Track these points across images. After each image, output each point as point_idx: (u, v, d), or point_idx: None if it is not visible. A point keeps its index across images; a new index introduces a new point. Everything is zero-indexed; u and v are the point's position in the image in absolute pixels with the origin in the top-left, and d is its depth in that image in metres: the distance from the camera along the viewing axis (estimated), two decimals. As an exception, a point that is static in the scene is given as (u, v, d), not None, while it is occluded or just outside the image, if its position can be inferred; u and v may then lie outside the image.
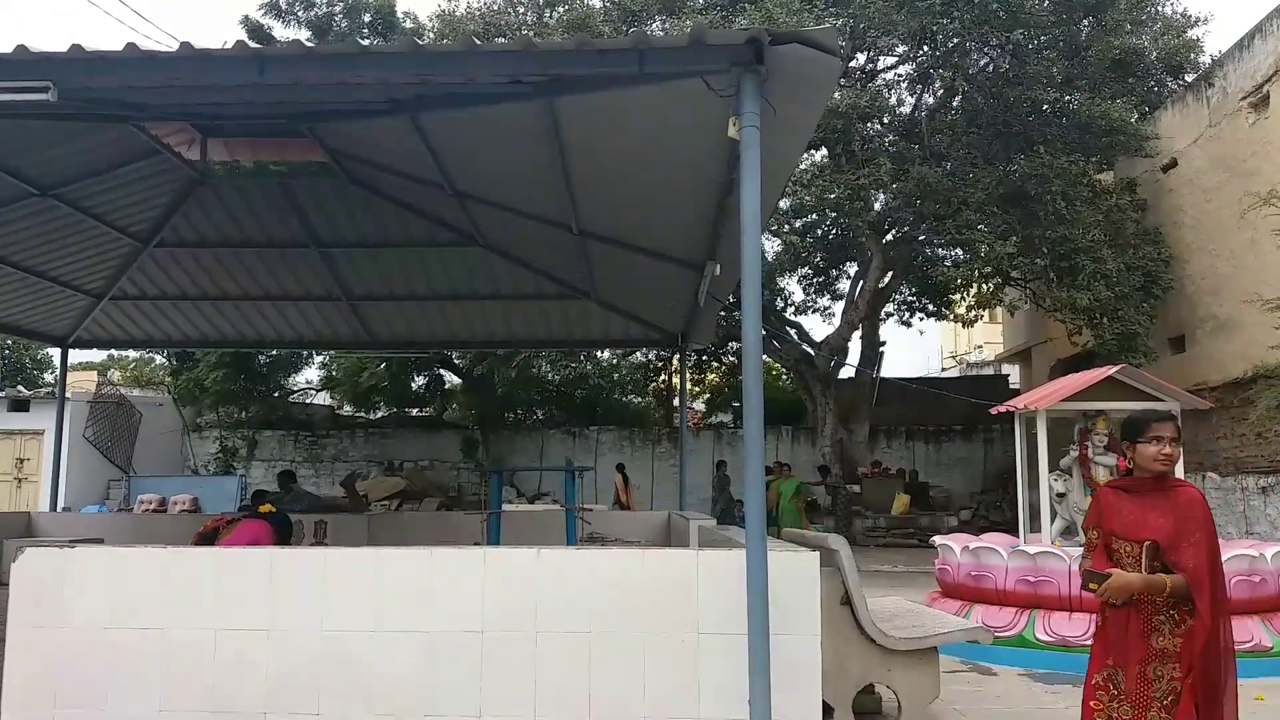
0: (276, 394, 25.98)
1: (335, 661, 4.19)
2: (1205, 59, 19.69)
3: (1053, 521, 8.74)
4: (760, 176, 4.29)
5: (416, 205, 8.79)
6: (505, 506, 14.18)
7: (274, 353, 22.84)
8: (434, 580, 4.22)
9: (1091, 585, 3.53)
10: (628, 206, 7.28)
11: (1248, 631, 7.39)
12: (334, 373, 26.07)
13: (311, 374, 28.55)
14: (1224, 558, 7.51)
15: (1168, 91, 19.71)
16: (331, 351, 22.42)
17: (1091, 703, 3.60)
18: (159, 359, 30.71)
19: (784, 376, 26.49)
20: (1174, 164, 18.05)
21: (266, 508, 6.39)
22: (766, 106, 4.20)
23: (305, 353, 24.39)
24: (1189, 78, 19.30)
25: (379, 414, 26.82)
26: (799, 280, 23.88)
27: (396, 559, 4.30)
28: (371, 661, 4.18)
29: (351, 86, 5.40)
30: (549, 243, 8.57)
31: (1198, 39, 20.27)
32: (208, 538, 5.97)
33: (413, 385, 25.80)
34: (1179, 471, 8.73)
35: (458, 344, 15.04)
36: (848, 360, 22.34)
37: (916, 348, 76.56)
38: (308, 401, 28.36)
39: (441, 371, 25.64)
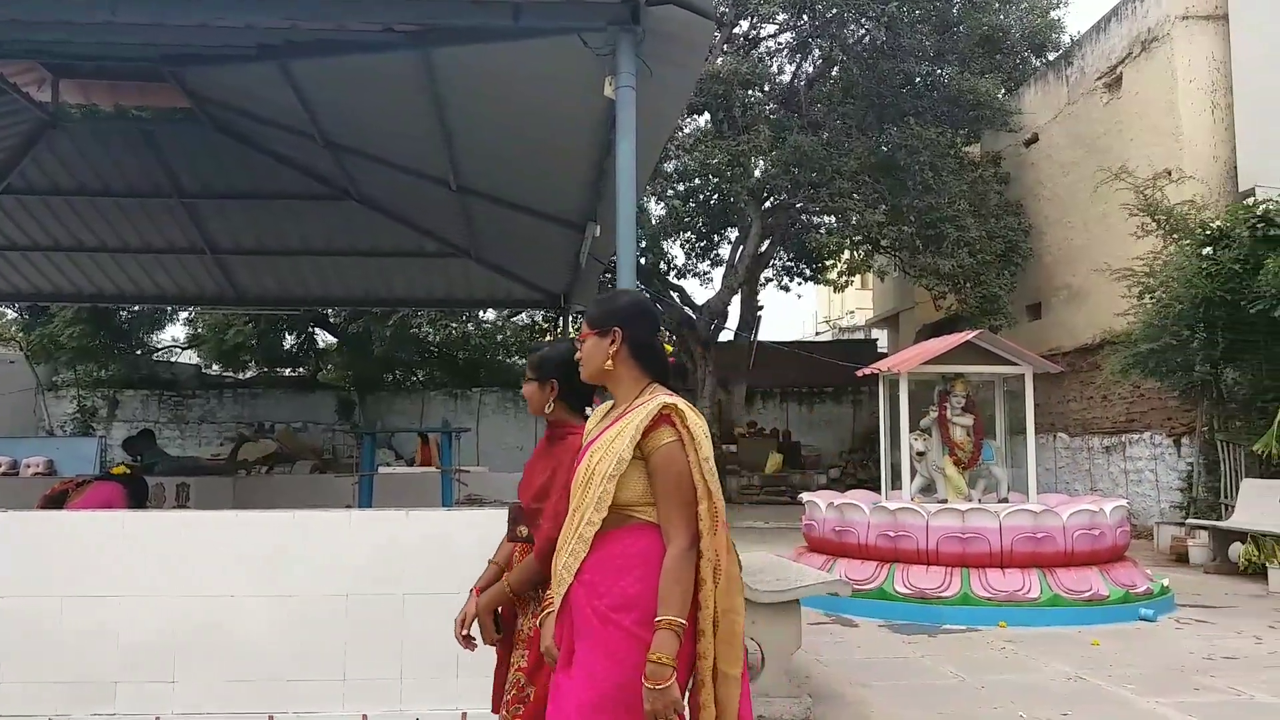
0: (139, 351, 24.83)
1: (193, 627, 4.07)
2: (1066, 39, 20.57)
3: (912, 479, 9.14)
4: (637, 137, 4.31)
5: (287, 156, 8.49)
6: (382, 469, 13.96)
7: (135, 308, 21.80)
8: (297, 543, 4.14)
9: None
10: (507, 164, 7.20)
11: (1087, 582, 7.90)
12: (199, 330, 25.06)
13: (177, 331, 27.37)
14: (1068, 513, 8.06)
15: (1031, 69, 20.53)
16: (196, 308, 21.53)
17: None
18: (10, 313, 28.88)
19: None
20: (1035, 139, 18.86)
21: (120, 469, 6.13)
22: (643, 67, 4.22)
23: (169, 308, 23.39)
24: (1051, 56, 20.14)
25: (248, 374, 25.95)
26: (682, 244, 24.10)
27: (258, 522, 4.21)
28: (232, 627, 4.08)
29: (215, 30, 5.16)
30: (427, 198, 8.41)
31: (1059, 20, 21.16)
32: (55, 501, 5.69)
33: (284, 344, 25.02)
34: (1029, 432, 9.26)
35: (331, 301, 14.65)
36: (727, 324, 22.77)
37: (793, 312, 78.80)
38: (173, 360, 27.19)
39: (315, 330, 24.93)
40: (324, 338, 25.51)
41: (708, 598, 2.38)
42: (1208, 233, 11.68)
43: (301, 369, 26.15)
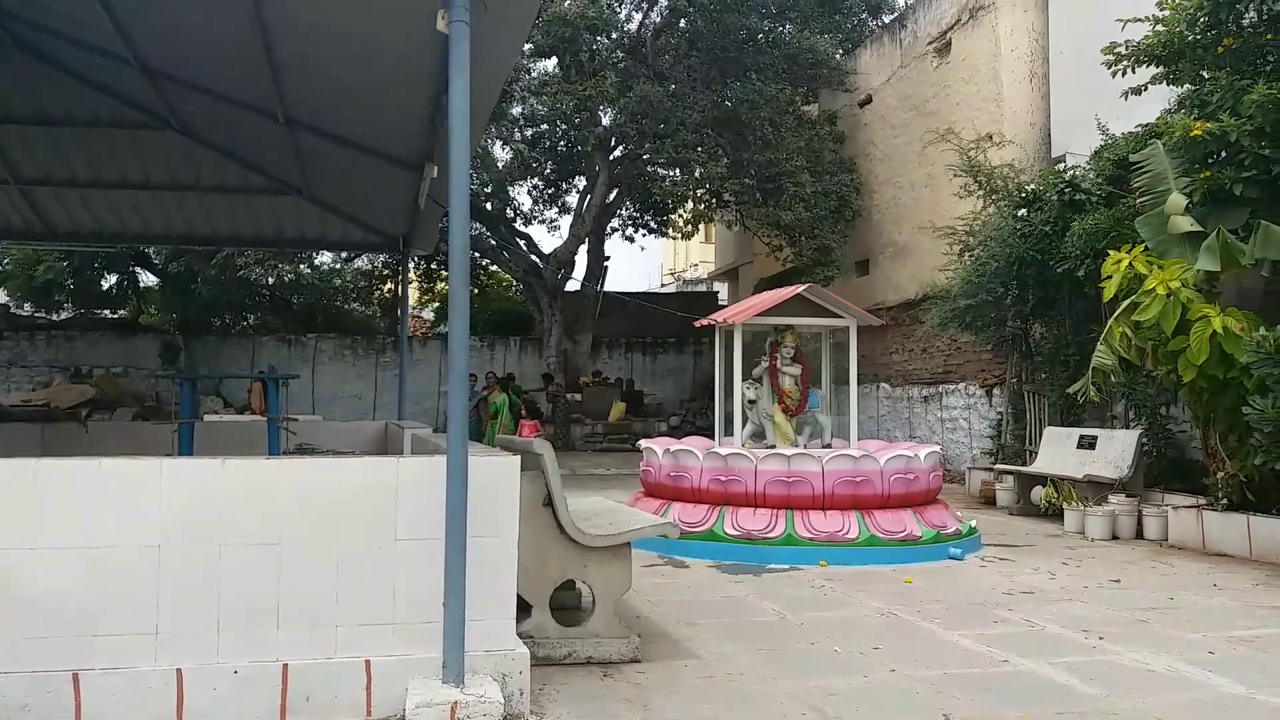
0: (-64, 288, 22.82)
1: (-13, 581, 3.82)
2: (901, 2, 21.27)
3: (744, 426, 9.44)
4: (473, 75, 4.21)
5: (100, 81, 7.88)
6: (207, 417, 13.36)
7: (-72, 242, 19.93)
8: (103, 492, 3.93)
9: None
10: (340, 97, 6.90)
11: (902, 523, 8.39)
12: (6, 265, 23.21)
13: (-18, 267, 25.25)
14: (885, 458, 8.51)
15: (868, 31, 21.17)
16: (1, 242, 19.90)
17: None
18: None
19: (514, 288, 26.55)
20: (869, 100, 19.51)
21: (-94, 415, 5.66)
22: (477, 1, 4.12)
23: (-31, 243, 21.54)
24: (887, 19, 20.80)
25: (64, 314, 24.26)
26: (529, 191, 23.88)
27: (58, 469, 3.95)
28: (29, 580, 3.84)
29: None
30: (254, 131, 7.96)
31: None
32: None
33: (102, 283, 23.47)
34: (852, 382, 9.70)
35: (151, 239, 13.75)
36: (574, 273, 22.78)
37: (638, 264, 79.72)
38: (-24, 299, 25.13)
39: (136, 269, 23.48)
40: (146, 278, 24.07)
41: None
42: (1022, 195, 12.40)
43: (122, 311, 24.64)
